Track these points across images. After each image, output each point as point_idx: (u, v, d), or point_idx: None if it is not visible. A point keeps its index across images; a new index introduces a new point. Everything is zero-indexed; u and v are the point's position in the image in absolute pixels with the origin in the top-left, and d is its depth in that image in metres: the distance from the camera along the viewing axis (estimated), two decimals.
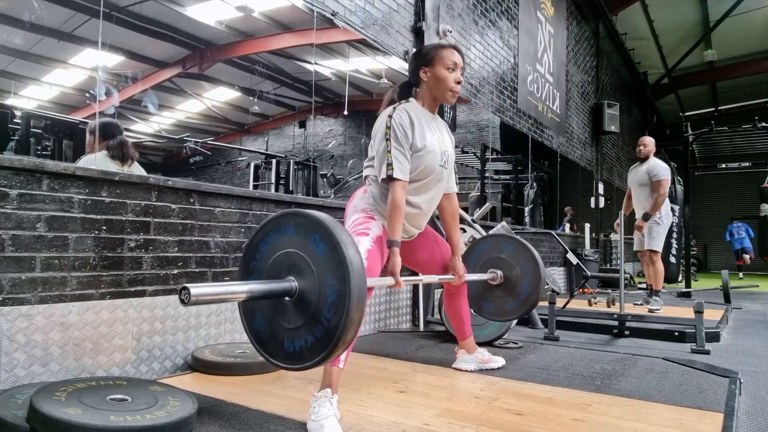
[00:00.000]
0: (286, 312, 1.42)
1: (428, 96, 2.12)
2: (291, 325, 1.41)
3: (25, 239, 1.81)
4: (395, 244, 1.95)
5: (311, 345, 1.36)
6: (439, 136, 2.11)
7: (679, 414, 1.82)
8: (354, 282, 1.31)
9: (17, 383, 1.76)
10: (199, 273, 2.39)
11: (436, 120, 2.16)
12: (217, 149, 8.96)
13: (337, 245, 1.34)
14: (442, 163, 2.10)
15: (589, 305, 4.98)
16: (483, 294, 2.59)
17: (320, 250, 1.38)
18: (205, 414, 1.69)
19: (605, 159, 9.81)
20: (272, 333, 1.45)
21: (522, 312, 2.53)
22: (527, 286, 2.50)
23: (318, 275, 1.37)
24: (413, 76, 2.14)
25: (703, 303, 3.07)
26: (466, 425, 1.66)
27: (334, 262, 1.34)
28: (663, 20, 10.75)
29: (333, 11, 3.34)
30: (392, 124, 1.96)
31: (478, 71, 5.17)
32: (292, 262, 1.43)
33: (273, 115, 9.16)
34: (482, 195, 7.37)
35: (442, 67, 2.06)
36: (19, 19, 4.88)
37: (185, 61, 7.03)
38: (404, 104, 2.05)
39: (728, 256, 13.40)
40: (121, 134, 3.01)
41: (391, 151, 1.95)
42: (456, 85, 2.08)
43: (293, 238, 1.44)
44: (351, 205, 2.15)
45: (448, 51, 2.09)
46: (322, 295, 1.35)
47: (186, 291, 1.20)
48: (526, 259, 2.54)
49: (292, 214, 1.47)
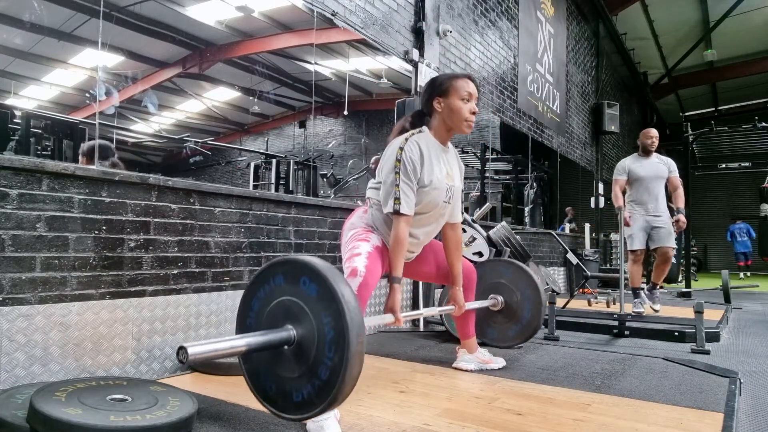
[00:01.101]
0: (288, 361, 1.40)
1: (442, 126, 2.09)
2: (295, 374, 1.38)
3: (25, 239, 1.81)
4: (396, 280, 1.95)
5: (318, 388, 1.33)
6: (447, 170, 2.09)
7: (679, 414, 1.82)
8: (350, 314, 1.29)
9: (17, 383, 1.76)
10: (199, 273, 2.39)
11: (447, 152, 2.13)
12: (217, 149, 8.95)
13: (326, 282, 1.34)
14: (446, 199, 2.09)
15: (588, 305, 4.98)
16: (485, 320, 2.58)
17: (311, 291, 1.37)
18: (205, 414, 1.69)
19: (605, 159, 9.81)
20: (279, 387, 1.43)
21: (524, 337, 2.53)
22: (528, 311, 2.50)
23: (313, 316, 1.36)
24: (426, 105, 2.11)
25: (703, 303, 3.07)
26: (466, 425, 1.66)
27: (327, 299, 1.33)
28: (663, 20, 10.75)
29: (333, 11, 3.34)
30: (402, 157, 1.95)
31: (478, 71, 5.17)
32: (287, 309, 1.41)
33: (273, 115, 9.15)
34: (482, 195, 7.36)
35: (457, 98, 2.04)
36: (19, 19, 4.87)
37: (185, 61, 7.02)
38: (416, 135, 2.03)
39: (728, 257, 13.40)
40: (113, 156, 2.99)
41: (399, 185, 1.94)
42: (471, 116, 2.05)
43: (284, 286, 1.44)
44: (349, 223, 2.16)
45: (463, 81, 2.06)
46: (321, 335, 1.34)
47: (183, 351, 1.18)
48: (525, 283, 2.53)
49: (278, 263, 1.46)
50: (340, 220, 3.20)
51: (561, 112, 7.58)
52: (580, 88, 8.63)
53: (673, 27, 11.03)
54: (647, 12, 10.40)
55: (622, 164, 4.52)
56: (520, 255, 4.03)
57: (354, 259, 1.92)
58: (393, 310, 1.92)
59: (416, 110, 2.18)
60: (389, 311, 1.93)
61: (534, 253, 6.29)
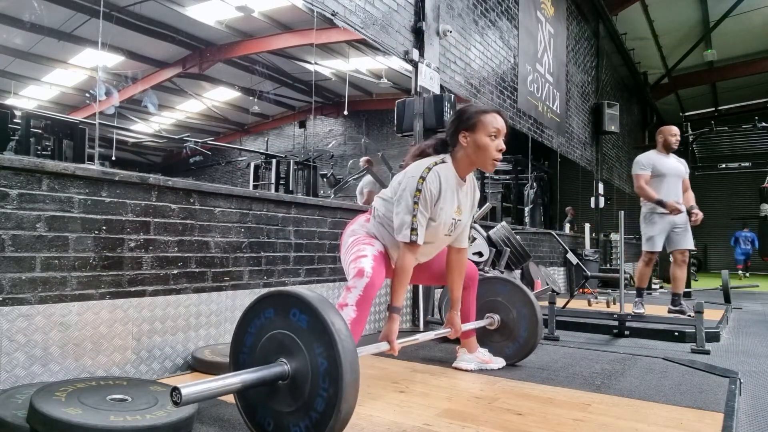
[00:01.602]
0: (284, 395, 1.39)
1: (465, 161, 2.03)
2: (292, 408, 1.37)
3: (25, 239, 1.81)
4: (395, 310, 1.95)
5: (316, 421, 1.33)
6: (459, 204, 2.07)
7: (679, 414, 1.82)
8: (341, 343, 1.29)
9: (17, 383, 1.76)
10: (199, 273, 2.39)
11: (462, 185, 2.09)
12: (217, 149, 8.95)
13: (316, 313, 1.33)
14: (447, 233, 2.07)
15: (588, 305, 4.98)
16: (481, 339, 2.57)
17: (302, 323, 1.37)
18: (205, 414, 1.69)
19: (605, 159, 9.81)
20: (276, 422, 1.42)
21: (522, 356, 2.52)
22: (525, 330, 2.49)
23: (306, 348, 1.35)
24: (452, 138, 2.06)
25: (703, 303, 3.07)
26: (466, 425, 1.66)
27: (318, 330, 1.33)
28: (663, 20, 10.75)
29: (333, 11, 3.34)
30: (423, 188, 1.93)
31: (478, 71, 5.18)
32: (279, 342, 1.41)
33: (273, 115, 9.15)
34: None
35: (485, 134, 1.98)
36: (19, 19, 4.88)
37: (185, 61, 7.03)
38: (439, 166, 1.99)
39: (728, 257, 13.42)
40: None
41: (417, 215, 1.92)
42: (498, 154, 2.00)
43: (274, 320, 1.43)
44: (350, 230, 2.15)
45: (492, 117, 2.00)
46: (314, 367, 1.33)
47: (177, 392, 1.17)
48: (522, 302, 2.52)
49: (267, 296, 1.46)
50: (340, 220, 3.20)
51: (561, 112, 7.58)
52: (580, 88, 8.63)
53: (673, 27, 11.03)
54: (647, 12, 10.41)
55: (646, 158, 4.31)
56: (520, 255, 4.03)
57: (360, 260, 1.91)
58: (389, 340, 1.91)
59: (440, 138, 2.13)
60: (385, 339, 1.92)
61: (534, 253, 6.29)
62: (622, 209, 3.94)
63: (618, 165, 10.89)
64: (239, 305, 2.55)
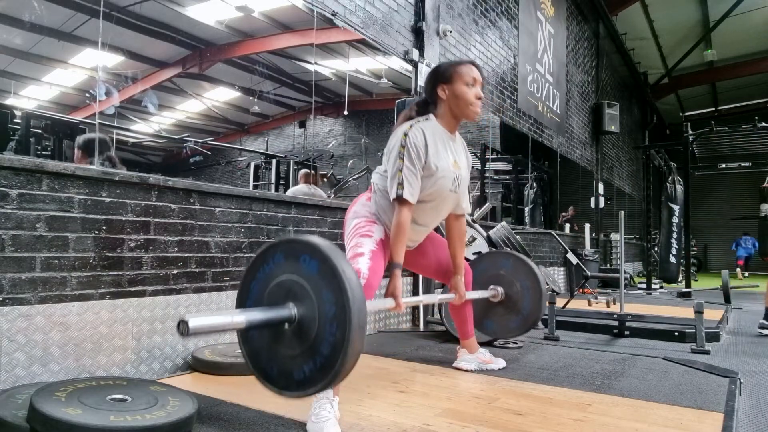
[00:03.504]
0: (289, 340, 1.40)
1: (448, 114, 2.06)
2: (296, 351, 1.38)
3: (25, 239, 1.81)
4: (397, 266, 1.94)
5: (321, 365, 1.33)
6: (455, 158, 2.07)
7: (679, 414, 1.82)
8: (351, 290, 1.29)
9: (17, 383, 1.76)
10: (199, 273, 2.39)
11: (454, 140, 2.11)
12: (217, 149, 8.94)
13: (327, 259, 1.33)
14: (452, 188, 2.07)
15: (588, 305, 4.98)
16: (485, 312, 2.57)
17: (312, 269, 1.36)
18: (205, 414, 1.69)
19: (605, 159, 9.81)
20: (280, 366, 1.42)
21: (526, 328, 2.51)
22: (528, 302, 2.49)
23: (314, 294, 1.35)
24: (431, 94, 2.08)
25: (703, 303, 3.06)
26: (466, 425, 1.66)
27: (328, 276, 1.32)
28: (663, 20, 10.75)
29: (333, 11, 3.34)
30: (407, 143, 1.93)
31: None
32: (287, 288, 1.41)
33: (273, 115, 9.15)
34: (482, 195, 7.37)
35: (462, 84, 2.01)
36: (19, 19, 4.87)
37: (185, 61, 7.02)
38: (422, 122, 2.01)
39: (728, 257, 13.43)
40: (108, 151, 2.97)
41: (403, 170, 1.92)
42: (477, 101, 2.02)
43: (283, 265, 1.43)
44: (352, 211, 2.14)
45: (467, 67, 2.04)
46: (322, 312, 1.33)
47: (184, 324, 1.18)
48: (525, 274, 2.52)
49: (278, 243, 1.46)
50: (340, 220, 3.20)
51: (561, 112, 7.58)
52: (580, 88, 8.63)
53: (673, 27, 11.03)
54: (647, 12, 10.40)
55: None
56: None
57: (357, 260, 1.91)
58: (394, 295, 1.90)
59: (421, 99, 2.15)
60: (390, 296, 1.91)
61: (534, 253, 6.29)
62: (622, 209, 3.94)
63: (618, 165, 10.89)
64: None
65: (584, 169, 8.84)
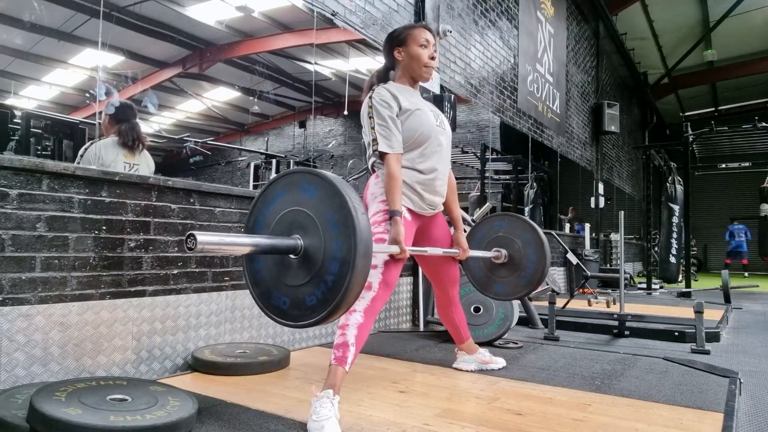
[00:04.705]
0: (292, 269, 1.42)
1: (405, 75, 2.14)
2: (293, 283, 1.41)
3: (25, 239, 1.81)
4: (396, 213, 1.94)
5: (311, 305, 1.37)
6: (427, 107, 2.13)
7: (679, 414, 1.82)
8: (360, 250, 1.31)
9: (17, 383, 1.76)
10: (199, 273, 2.39)
11: (418, 95, 2.17)
12: (217, 149, 8.96)
13: (348, 212, 1.34)
14: (438, 124, 2.12)
15: (588, 305, 4.98)
16: (492, 277, 2.56)
17: (330, 214, 1.38)
18: (205, 414, 1.69)
19: (605, 159, 9.81)
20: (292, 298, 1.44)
21: (535, 283, 2.47)
22: (533, 255, 2.47)
23: (324, 238, 1.37)
24: (388, 58, 2.17)
25: (703, 303, 3.07)
26: (466, 425, 1.66)
27: (344, 229, 1.34)
28: (663, 20, 10.74)
29: (333, 11, 3.34)
30: (373, 102, 1.99)
31: (478, 71, 5.17)
32: (300, 220, 1.43)
33: (273, 115, 9.16)
34: (482, 195, 7.37)
35: (415, 45, 2.09)
36: (19, 19, 4.88)
37: (185, 61, 7.03)
38: (383, 85, 2.08)
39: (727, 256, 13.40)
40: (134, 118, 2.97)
41: (374, 127, 1.97)
42: (431, 61, 2.10)
43: (304, 198, 1.45)
44: (369, 193, 2.12)
45: (419, 30, 2.13)
46: (326, 259, 1.36)
47: (192, 238, 1.20)
48: (523, 229, 2.51)
49: (308, 172, 1.47)
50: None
51: (561, 112, 7.58)
52: (580, 88, 8.63)
53: (673, 27, 11.02)
54: (647, 12, 10.40)
55: None
56: None
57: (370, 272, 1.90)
58: (397, 241, 1.89)
59: (381, 67, 2.21)
60: (393, 242, 1.90)
61: None
62: (622, 209, 3.95)
63: (618, 165, 10.89)
64: (239, 305, 2.55)
65: (584, 169, 8.84)
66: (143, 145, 2.91)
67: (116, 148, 2.82)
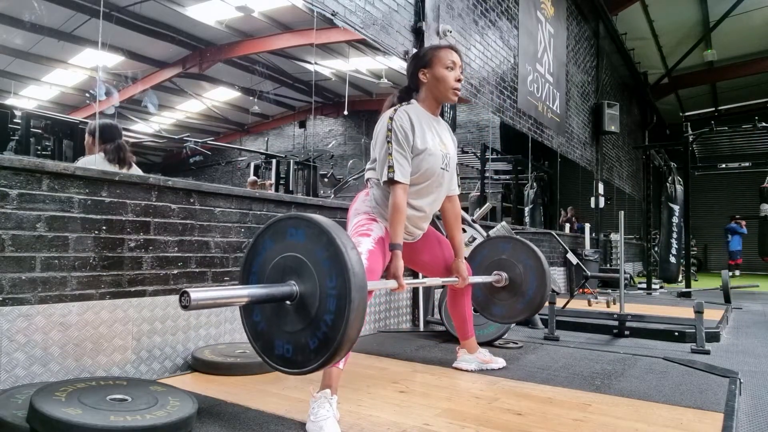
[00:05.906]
0: (290, 315, 1.41)
1: (429, 97, 2.11)
2: (293, 329, 1.40)
3: (25, 239, 1.81)
4: (397, 247, 1.94)
5: (314, 348, 1.35)
6: (440, 139, 2.11)
7: (679, 414, 1.82)
8: (355, 284, 1.29)
9: (17, 383, 1.76)
10: (199, 273, 2.39)
11: (438, 122, 2.16)
12: (217, 149, 8.96)
13: (338, 249, 1.33)
14: (443, 166, 2.10)
15: (588, 305, 4.98)
16: (491, 299, 2.58)
17: (321, 254, 1.37)
18: (205, 414, 1.69)
19: (605, 159, 9.81)
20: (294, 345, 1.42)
21: (532, 309, 2.49)
22: (533, 281, 2.48)
23: (318, 279, 1.36)
24: (412, 79, 2.14)
25: (703, 303, 3.07)
26: (466, 425, 1.66)
27: (335, 266, 1.33)
28: (663, 20, 10.74)
29: (333, 11, 3.34)
30: (393, 126, 1.97)
31: (478, 71, 5.17)
32: (293, 265, 1.42)
33: (273, 115, 9.16)
34: (482, 195, 7.36)
35: (441, 67, 2.06)
36: (19, 19, 4.88)
37: (185, 61, 7.03)
38: (405, 106, 2.05)
39: (728, 257, 13.40)
40: (119, 137, 2.95)
41: (392, 153, 1.95)
42: (457, 83, 2.08)
43: (293, 242, 1.43)
44: (353, 208, 2.16)
45: (446, 51, 2.09)
46: (323, 299, 1.34)
47: (186, 296, 1.18)
48: (526, 255, 2.53)
49: (293, 217, 1.46)
50: (340, 221, 3.20)
51: (561, 112, 7.58)
52: (580, 88, 8.63)
53: (673, 27, 11.02)
54: (647, 12, 10.40)
55: None
56: None
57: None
58: (396, 276, 1.90)
59: (403, 86, 2.20)
60: (392, 277, 1.91)
61: None
62: (622, 209, 3.95)
63: (618, 165, 10.89)
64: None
65: (584, 169, 8.84)
66: (131, 164, 2.88)
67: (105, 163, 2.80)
